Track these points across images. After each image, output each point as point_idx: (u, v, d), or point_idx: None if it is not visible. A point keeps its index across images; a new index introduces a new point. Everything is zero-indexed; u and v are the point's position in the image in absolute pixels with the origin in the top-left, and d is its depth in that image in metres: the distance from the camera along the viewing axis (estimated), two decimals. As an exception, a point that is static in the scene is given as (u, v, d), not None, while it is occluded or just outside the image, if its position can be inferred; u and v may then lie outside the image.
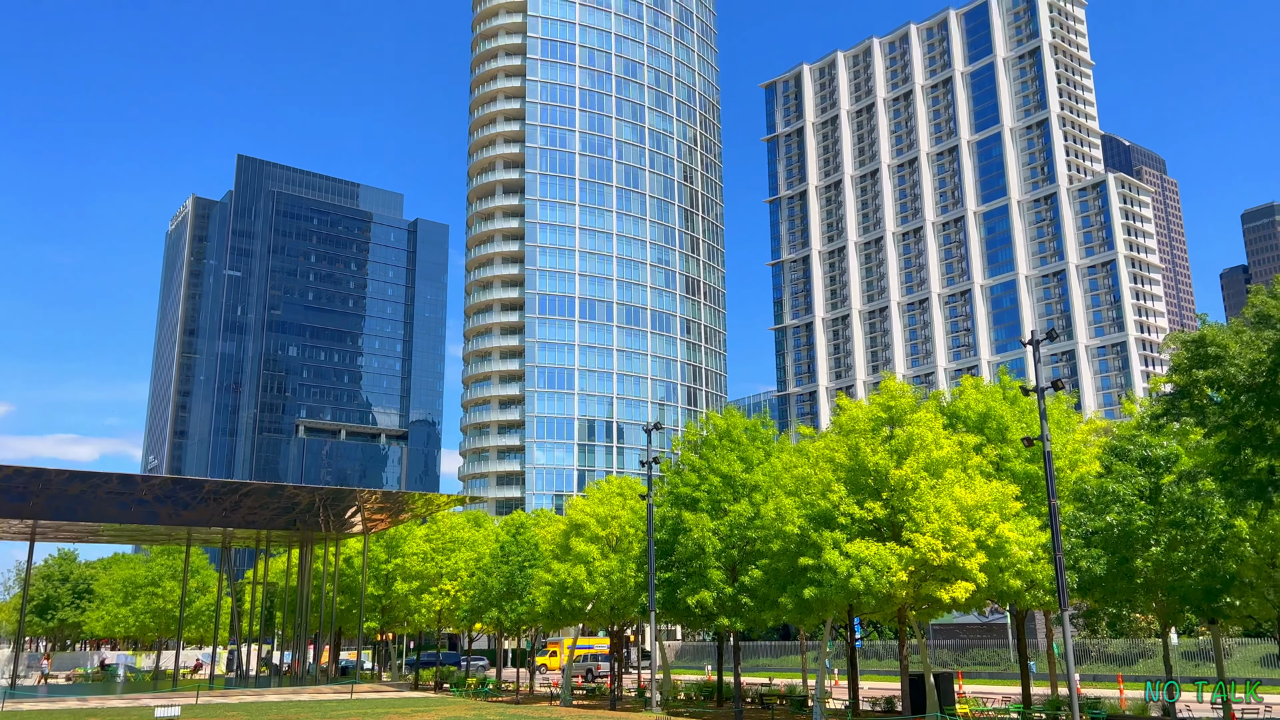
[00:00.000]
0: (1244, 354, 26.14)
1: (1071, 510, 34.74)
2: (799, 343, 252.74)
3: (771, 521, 39.86)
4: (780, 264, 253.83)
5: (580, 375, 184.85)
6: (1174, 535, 30.06)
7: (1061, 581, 30.10)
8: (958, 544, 35.78)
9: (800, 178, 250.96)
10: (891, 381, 40.93)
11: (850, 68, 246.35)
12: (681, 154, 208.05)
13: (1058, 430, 41.94)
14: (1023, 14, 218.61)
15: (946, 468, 38.80)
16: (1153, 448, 30.82)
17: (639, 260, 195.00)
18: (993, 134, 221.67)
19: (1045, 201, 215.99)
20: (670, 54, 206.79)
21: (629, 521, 51.41)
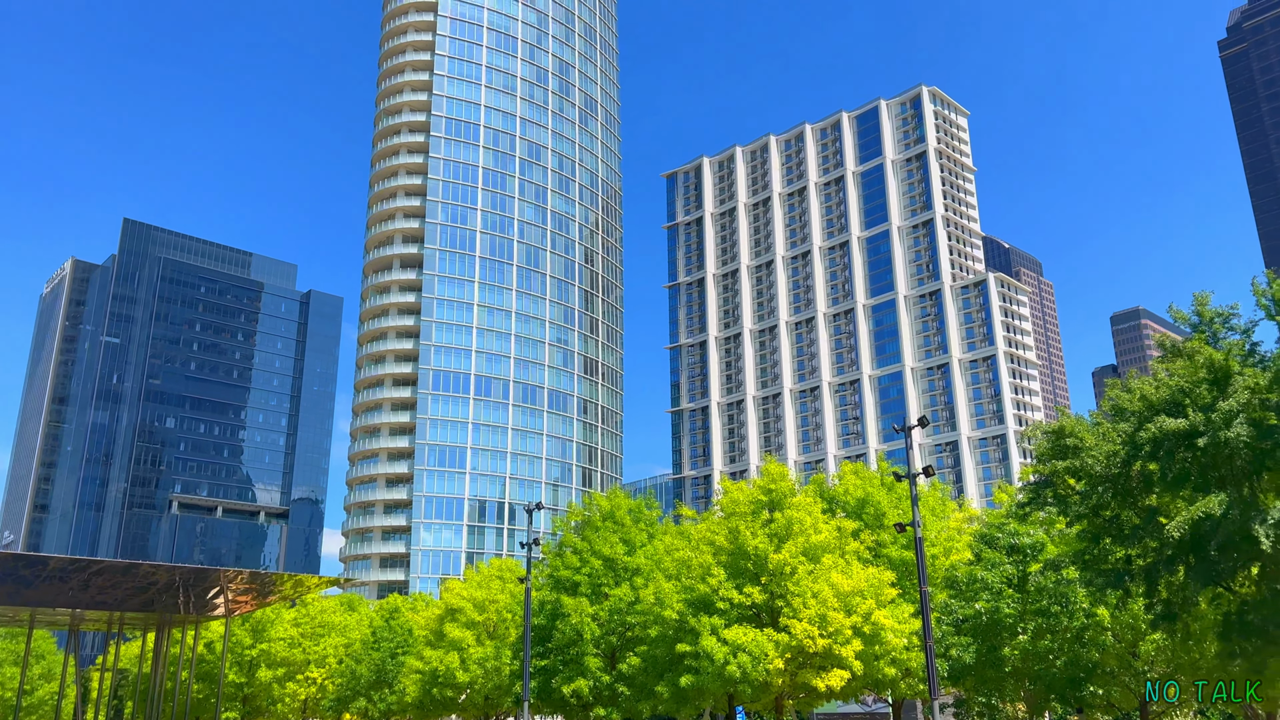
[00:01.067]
0: (1100, 446, 26.94)
1: (943, 598, 34.96)
2: (695, 426, 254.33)
3: (651, 606, 39.01)
4: (678, 348, 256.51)
5: (473, 454, 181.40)
6: (1040, 624, 30.43)
7: (932, 670, 30.03)
8: (834, 631, 35.54)
9: (699, 265, 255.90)
10: (772, 465, 41.04)
11: (748, 162, 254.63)
12: (583, 236, 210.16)
13: (933, 517, 42.54)
14: (910, 119, 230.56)
15: (825, 553, 38.77)
16: (1020, 536, 31.36)
17: (538, 339, 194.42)
18: (881, 231, 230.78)
19: (930, 297, 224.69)
20: (574, 139, 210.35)
21: (507, 606, 49.70)
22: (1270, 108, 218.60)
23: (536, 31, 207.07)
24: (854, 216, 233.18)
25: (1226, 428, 23.96)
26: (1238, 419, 24.04)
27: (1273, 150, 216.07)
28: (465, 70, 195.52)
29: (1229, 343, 25.74)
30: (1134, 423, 26.37)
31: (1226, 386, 25.07)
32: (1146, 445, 25.63)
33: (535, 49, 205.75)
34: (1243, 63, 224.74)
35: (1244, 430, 23.80)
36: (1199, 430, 24.64)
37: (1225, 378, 25.45)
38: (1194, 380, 25.98)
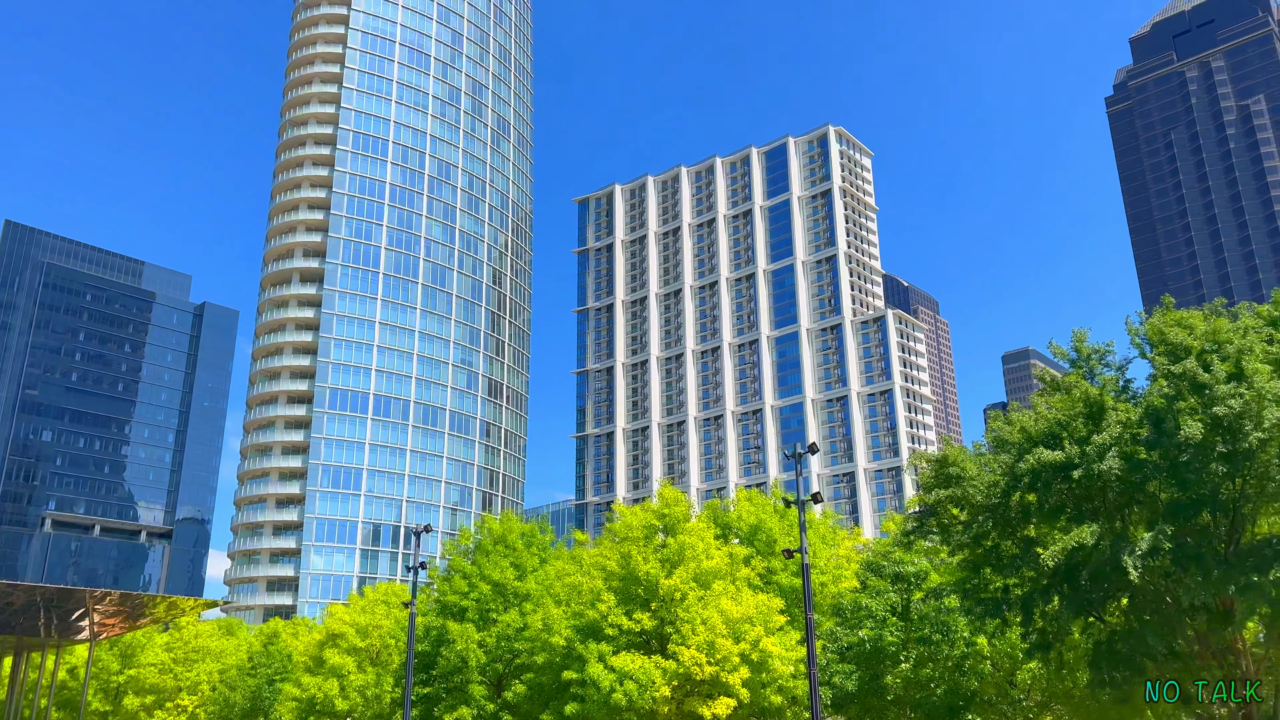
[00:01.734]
0: (981, 476, 27.40)
1: (830, 625, 35.12)
2: (599, 452, 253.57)
3: (539, 633, 38.15)
4: (585, 373, 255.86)
5: (369, 476, 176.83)
6: (922, 652, 30.74)
7: (815, 697, 30.01)
8: (722, 658, 35.28)
9: (608, 291, 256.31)
10: (667, 490, 40.79)
11: (659, 192, 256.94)
12: (492, 258, 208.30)
13: (823, 545, 42.83)
14: (817, 158, 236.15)
15: (716, 579, 38.57)
16: (905, 564, 31.74)
17: (441, 360, 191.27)
18: (787, 265, 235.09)
19: (831, 331, 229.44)
20: (485, 160, 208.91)
21: (391, 631, 48.06)
22: (1151, 162, 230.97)
23: (450, 50, 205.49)
24: (760, 249, 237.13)
25: (1099, 461, 24.62)
26: (1110, 452, 24.74)
27: (1153, 202, 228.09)
28: (375, 85, 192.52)
29: (1104, 378, 26.57)
30: (1014, 454, 26.94)
31: (1101, 421, 25.83)
32: (1025, 476, 26.17)
33: (448, 67, 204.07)
34: (1127, 118, 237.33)
35: (1116, 464, 24.49)
36: (1074, 463, 25.27)
37: (1100, 412, 26.22)
38: (1071, 414, 26.70)
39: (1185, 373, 24.85)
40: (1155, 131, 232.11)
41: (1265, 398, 23.16)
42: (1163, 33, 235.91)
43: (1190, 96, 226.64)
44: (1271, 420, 22.79)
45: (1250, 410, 23.16)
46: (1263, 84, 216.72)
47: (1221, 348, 25.10)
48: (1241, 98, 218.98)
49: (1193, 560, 23.93)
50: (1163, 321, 26.14)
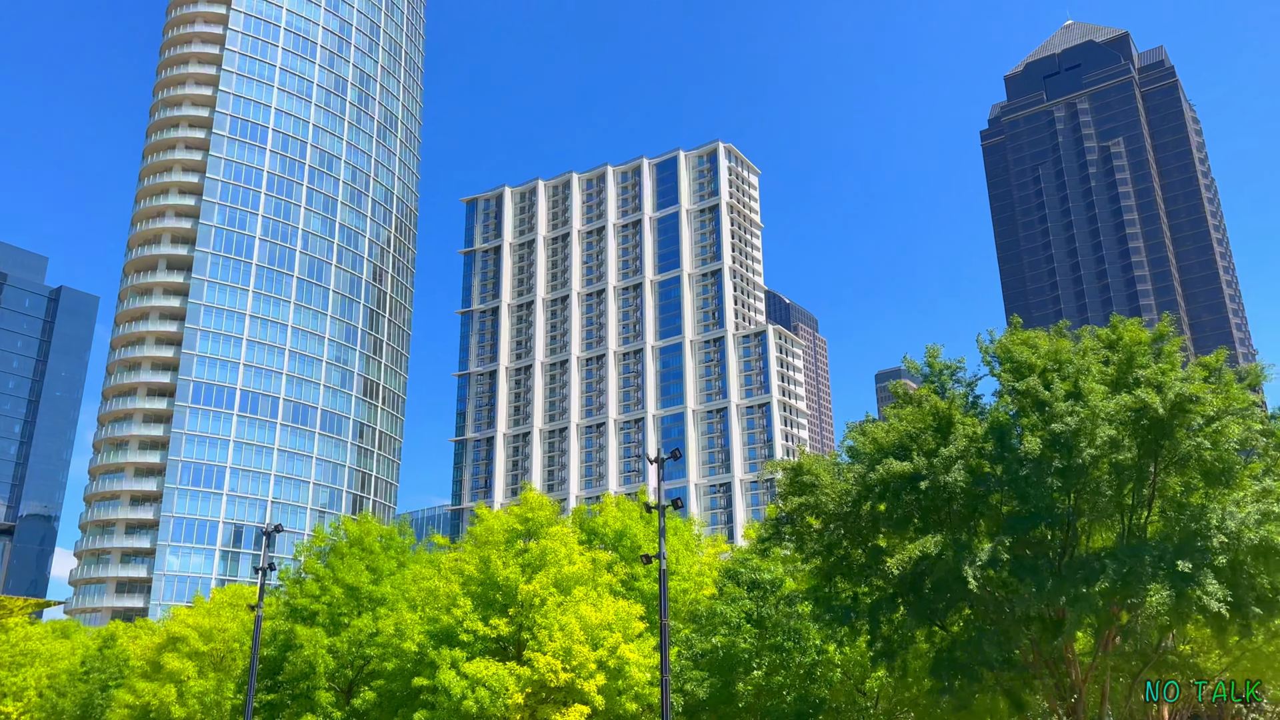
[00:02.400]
0: (835, 485, 27.76)
1: (686, 632, 35.10)
2: (478, 457, 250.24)
3: (390, 638, 36.87)
4: (467, 376, 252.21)
5: (233, 474, 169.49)
6: (774, 659, 30.96)
7: (666, 704, 29.86)
8: (578, 664, 34.77)
9: (494, 294, 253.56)
10: (531, 493, 40.14)
11: (549, 196, 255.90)
12: (374, 254, 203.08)
13: (686, 552, 42.88)
14: (706, 173, 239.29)
15: (577, 584, 38.07)
16: (761, 572, 31.96)
17: (315, 357, 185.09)
18: (674, 277, 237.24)
19: (714, 344, 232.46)
20: (370, 153, 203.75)
21: (236, 635, 45.79)
22: (1020, 195, 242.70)
23: (337, 39, 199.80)
24: (649, 260, 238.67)
25: (946, 473, 25.23)
26: (956, 465, 25.37)
27: (1020, 233, 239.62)
28: (256, 70, 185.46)
29: (953, 393, 27.28)
30: (866, 464, 27.40)
31: (949, 434, 26.50)
32: (875, 486, 26.63)
33: (335, 57, 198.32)
34: (1000, 152, 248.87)
35: (961, 476, 25.13)
36: (922, 474, 25.83)
37: (948, 426, 26.91)
38: (921, 427, 27.32)
39: (1028, 390, 25.72)
40: (1025, 166, 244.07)
41: (1099, 416, 24.13)
42: (1035, 72, 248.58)
43: (1058, 135, 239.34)
44: (1103, 437, 23.74)
45: (1085, 428, 24.09)
46: (1123, 127, 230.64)
47: (1062, 367, 26.09)
48: (1103, 139, 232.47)
49: (1029, 572, 24.72)
50: (1010, 340, 27.04)
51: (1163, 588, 21.90)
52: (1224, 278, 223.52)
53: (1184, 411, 23.31)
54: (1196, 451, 23.67)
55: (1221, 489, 24.56)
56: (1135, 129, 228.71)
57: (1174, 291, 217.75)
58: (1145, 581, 22.26)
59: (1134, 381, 24.46)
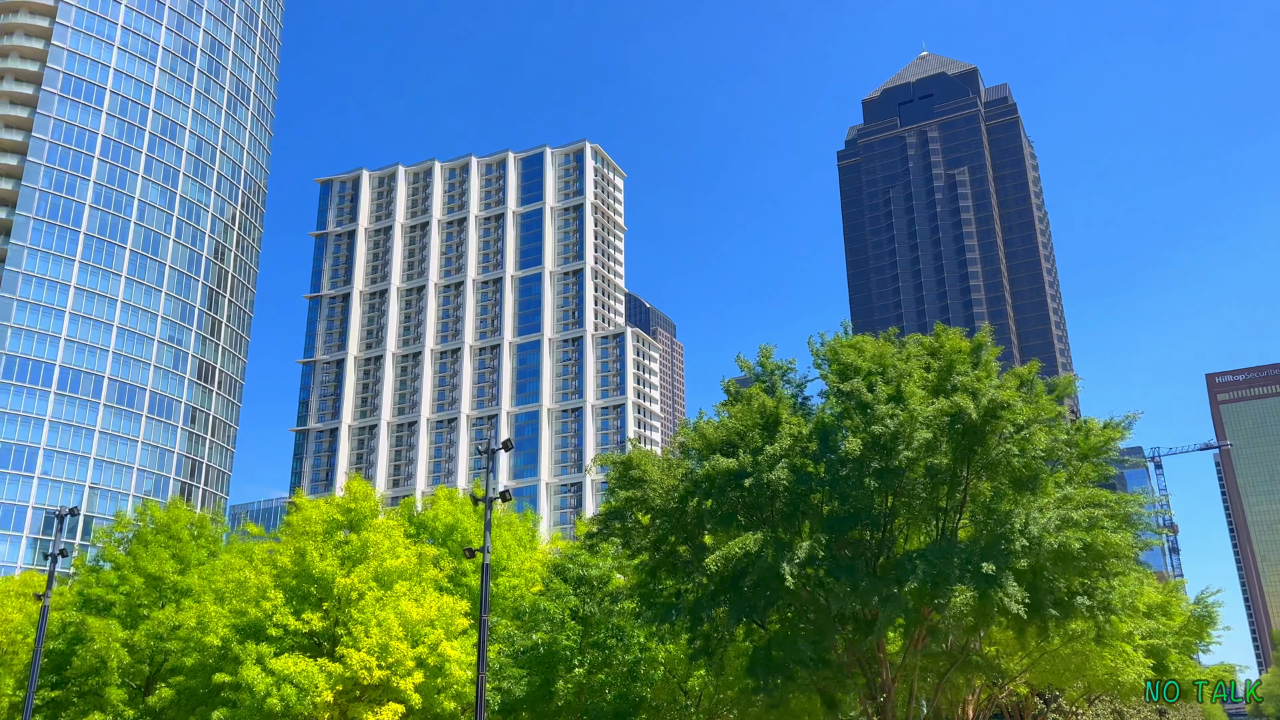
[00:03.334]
0: (663, 480, 27.42)
1: (507, 628, 34.21)
2: (320, 448, 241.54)
3: (191, 631, 34.38)
4: (312, 363, 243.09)
5: (46, 456, 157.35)
6: (597, 657, 30.41)
7: (480, 702, 28.86)
8: (394, 661, 33.27)
9: (346, 280, 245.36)
10: (355, 483, 38.32)
11: (410, 183, 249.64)
12: (216, 230, 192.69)
13: (519, 548, 41.92)
14: (572, 171, 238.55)
15: (400, 579, 36.51)
16: (590, 568, 31.39)
17: (146, 335, 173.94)
18: (535, 274, 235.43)
19: (573, 343, 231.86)
20: (219, 124, 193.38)
21: (20, 627, 41.85)
22: (870, 216, 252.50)
23: (188, 1, 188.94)
24: (510, 255, 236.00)
25: (770, 470, 25.24)
26: (781, 463, 25.42)
27: (869, 252, 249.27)
28: (95, 25, 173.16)
29: (781, 393, 27.39)
30: (695, 460, 27.21)
31: (776, 432, 26.56)
32: (702, 482, 26.43)
33: (184, 20, 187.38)
34: (854, 173, 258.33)
35: (784, 474, 25.19)
36: (747, 471, 25.76)
37: (776, 424, 26.98)
38: (749, 425, 27.31)
39: (852, 391, 26.05)
40: (877, 188, 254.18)
41: (917, 420, 24.61)
42: (891, 99, 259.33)
43: (908, 160, 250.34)
44: (920, 440, 24.20)
45: (904, 431, 24.51)
46: (968, 157, 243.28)
47: (886, 371, 26.56)
48: (950, 167, 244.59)
49: (845, 571, 24.97)
50: (838, 343, 27.38)
51: (968, 589, 22.44)
52: (1051, 305, 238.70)
53: (995, 418, 24.04)
54: (1005, 458, 24.46)
55: (1028, 495, 25.46)
56: (979, 159, 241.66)
57: (1006, 315, 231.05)
58: (952, 583, 22.77)
59: (952, 388, 25.10)
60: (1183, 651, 38.97)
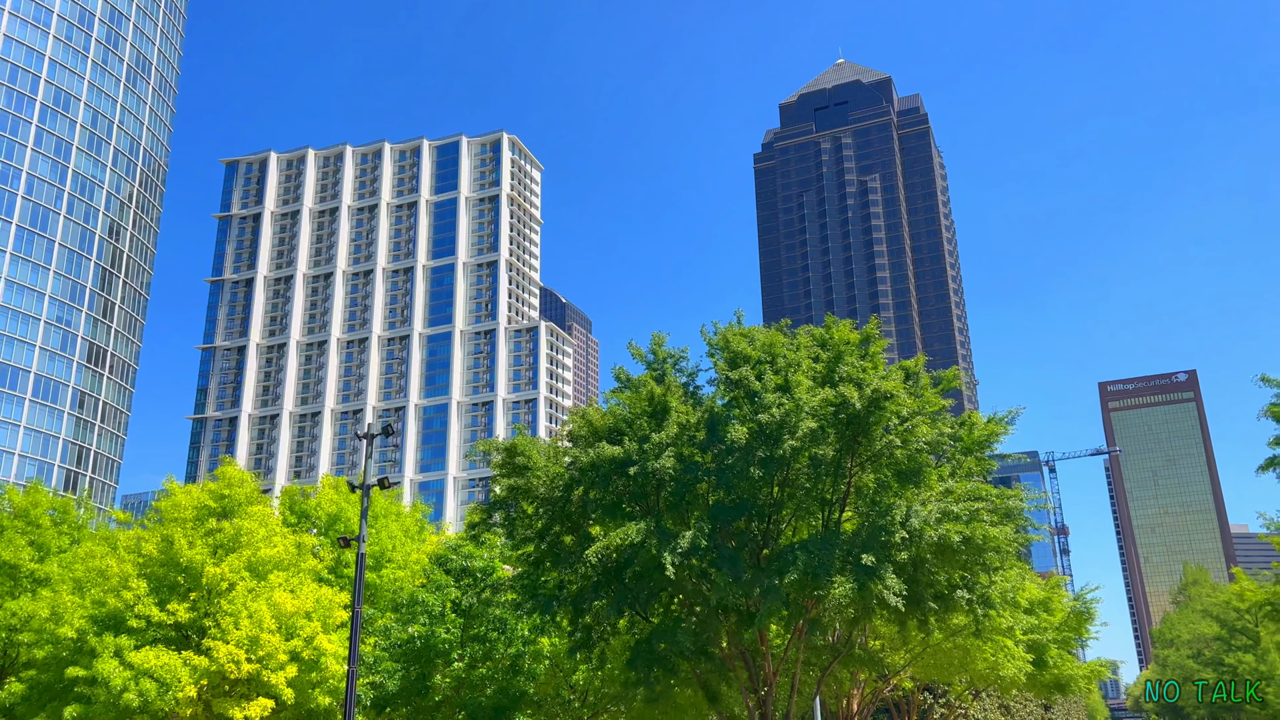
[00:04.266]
0: (548, 467, 26.64)
1: (385, 621, 33.01)
2: (219, 437, 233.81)
3: (44, 622, 32.22)
4: (212, 350, 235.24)
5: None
6: (477, 650, 29.44)
7: (350, 696, 27.65)
8: (265, 655, 31.70)
9: (250, 264, 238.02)
10: (229, 468, 36.51)
11: (319, 167, 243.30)
12: (112, 208, 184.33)
13: (407, 540, 40.61)
14: (489, 161, 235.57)
15: (276, 569, 34.86)
16: (472, 559, 30.40)
17: (32, 315, 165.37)
18: (448, 264, 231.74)
19: (485, 336, 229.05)
20: (116, 98, 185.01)
21: None
22: (785, 219, 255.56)
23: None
24: (422, 244, 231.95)
25: (656, 459, 24.67)
26: (667, 452, 24.88)
27: (782, 255, 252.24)
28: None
29: (670, 380, 26.88)
30: (581, 448, 26.49)
31: (664, 420, 26.02)
32: (587, 470, 25.72)
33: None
34: (770, 176, 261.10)
35: (670, 463, 24.66)
36: (632, 459, 25.16)
37: (664, 412, 26.44)
38: (637, 412, 26.72)
39: (740, 380, 25.67)
40: (791, 192, 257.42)
41: (803, 409, 24.33)
42: (807, 104, 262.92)
43: (822, 166, 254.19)
44: (805, 430, 23.93)
45: (789, 420, 24.20)
46: (880, 165, 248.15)
47: (775, 360, 26.26)
48: (862, 174, 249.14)
49: (728, 562, 24.55)
50: (729, 332, 26.99)
51: (847, 581, 22.21)
52: (955, 312, 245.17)
53: (879, 408, 23.91)
54: (888, 449, 24.35)
55: (912, 488, 25.43)
56: (891, 167, 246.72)
57: (912, 320, 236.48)
58: (832, 574, 22.51)
59: (840, 378, 24.90)
60: (1062, 646, 39.78)
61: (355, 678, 27.99)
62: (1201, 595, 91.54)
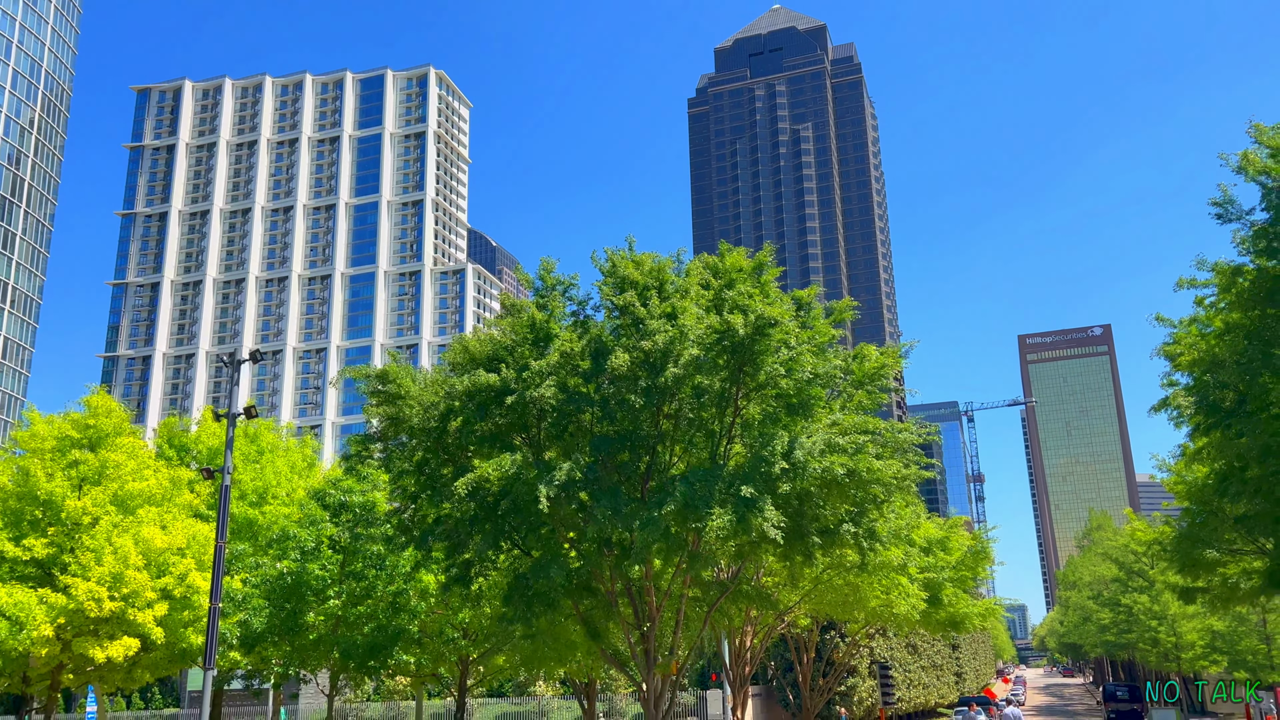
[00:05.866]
0: (423, 395, 25.30)
1: (259, 558, 31.60)
2: (132, 376, 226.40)
3: (-114, 559, 30.04)
4: (124, 285, 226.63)
5: None
6: (355, 587, 28.22)
7: (212, 634, 26.29)
8: (130, 593, 30.04)
9: (163, 198, 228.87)
10: (97, 397, 34.34)
11: (237, 98, 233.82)
12: (11, 133, 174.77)
13: (295, 476, 38.99)
14: (414, 97, 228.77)
15: (147, 504, 33.02)
16: (351, 493, 29.02)
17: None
18: (371, 202, 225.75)
19: (410, 277, 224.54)
20: (15, 17, 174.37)
21: None
22: (718, 165, 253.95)
23: None
24: (345, 181, 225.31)
25: (535, 388, 23.49)
26: (548, 380, 23.71)
27: (714, 201, 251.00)
28: None
29: (553, 304, 25.64)
30: (456, 377, 25.18)
31: (547, 349, 24.85)
32: (462, 399, 24.42)
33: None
34: (703, 121, 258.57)
35: (551, 392, 23.51)
36: (511, 388, 23.94)
37: (547, 339, 25.25)
38: (518, 339, 25.48)
39: (626, 306, 24.56)
40: (724, 138, 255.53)
41: (687, 336, 23.34)
42: (742, 49, 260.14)
43: (756, 113, 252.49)
44: (688, 357, 22.96)
45: (673, 348, 23.20)
46: (813, 114, 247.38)
47: (663, 286, 25.18)
48: (795, 122, 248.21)
49: (609, 495, 23.60)
50: (618, 257, 25.78)
51: (725, 513, 21.39)
52: (882, 263, 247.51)
53: (764, 335, 23.00)
54: (773, 380, 23.50)
55: (802, 421, 24.70)
56: (823, 117, 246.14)
57: (840, 270, 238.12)
58: (711, 506, 21.68)
59: (729, 306, 23.93)
60: (958, 585, 40.02)
61: (218, 614, 26.60)
62: (1103, 540, 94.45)
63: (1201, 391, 26.59)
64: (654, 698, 25.45)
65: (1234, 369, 24.06)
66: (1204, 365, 26.29)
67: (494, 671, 35.58)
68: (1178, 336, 27.93)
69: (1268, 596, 32.53)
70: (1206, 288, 25.60)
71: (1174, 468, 35.07)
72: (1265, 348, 23.35)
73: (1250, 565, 32.74)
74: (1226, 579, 34.20)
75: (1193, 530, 32.44)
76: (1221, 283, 24.78)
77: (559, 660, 33.91)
